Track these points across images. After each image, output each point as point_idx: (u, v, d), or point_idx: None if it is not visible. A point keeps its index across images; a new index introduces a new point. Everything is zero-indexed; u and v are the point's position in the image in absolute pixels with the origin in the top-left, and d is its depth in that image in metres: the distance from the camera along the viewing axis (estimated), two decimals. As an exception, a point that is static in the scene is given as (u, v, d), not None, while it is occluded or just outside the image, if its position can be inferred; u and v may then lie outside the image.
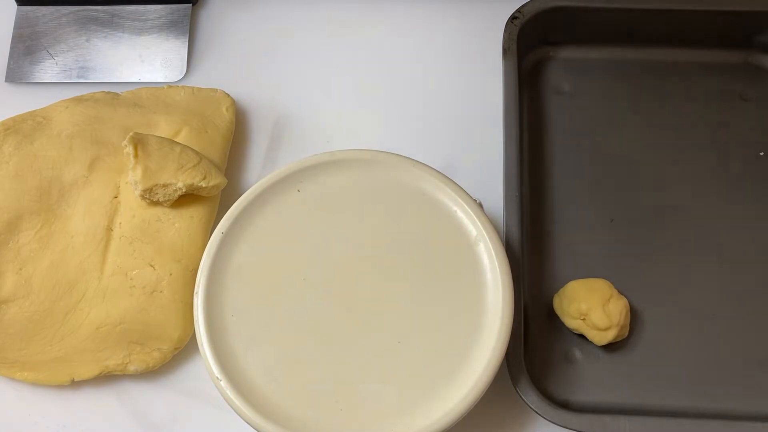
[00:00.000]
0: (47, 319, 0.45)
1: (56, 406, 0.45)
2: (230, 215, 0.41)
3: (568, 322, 0.44)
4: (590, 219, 0.48)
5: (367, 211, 0.41)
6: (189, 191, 0.45)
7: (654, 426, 0.40)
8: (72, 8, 0.56)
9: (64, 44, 0.55)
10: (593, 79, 0.53)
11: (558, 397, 0.43)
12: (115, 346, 0.44)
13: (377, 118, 0.52)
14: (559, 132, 0.51)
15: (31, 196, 0.47)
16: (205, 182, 0.45)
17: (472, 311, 0.39)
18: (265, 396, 0.37)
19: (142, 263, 0.45)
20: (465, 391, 0.37)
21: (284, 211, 0.41)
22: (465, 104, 0.52)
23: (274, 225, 0.41)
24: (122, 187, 0.47)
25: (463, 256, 0.40)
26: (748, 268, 0.47)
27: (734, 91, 0.52)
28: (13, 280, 0.46)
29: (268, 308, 0.39)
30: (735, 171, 0.49)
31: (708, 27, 0.51)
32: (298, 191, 0.41)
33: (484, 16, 0.55)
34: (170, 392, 0.45)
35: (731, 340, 0.45)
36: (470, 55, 0.54)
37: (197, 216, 0.47)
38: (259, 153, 0.52)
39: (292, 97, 0.53)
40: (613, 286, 0.44)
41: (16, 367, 0.44)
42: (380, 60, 0.54)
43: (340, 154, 0.42)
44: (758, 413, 0.43)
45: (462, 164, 0.50)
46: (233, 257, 0.40)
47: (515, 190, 0.45)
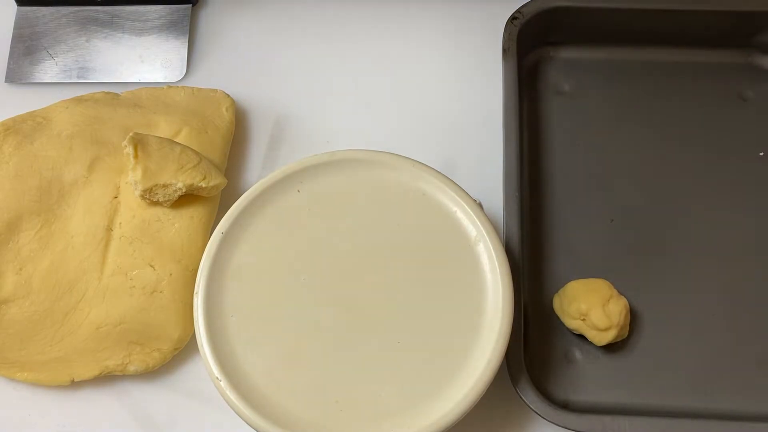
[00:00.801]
0: (47, 320, 0.45)
1: (56, 406, 0.45)
2: (230, 215, 0.41)
3: (568, 322, 0.44)
4: (590, 219, 0.48)
5: (367, 211, 0.41)
6: (189, 191, 0.45)
7: (654, 426, 0.40)
8: (72, 8, 0.56)
9: (64, 44, 0.55)
10: (593, 79, 0.53)
11: (558, 397, 0.43)
12: (115, 346, 0.44)
13: (377, 118, 0.52)
14: (559, 132, 0.51)
15: (31, 196, 0.47)
16: (205, 182, 0.45)
17: (472, 311, 0.39)
18: (265, 396, 0.37)
19: (142, 263, 0.45)
20: (465, 391, 0.37)
21: (284, 211, 0.41)
22: (465, 104, 0.52)
23: (274, 225, 0.41)
24: (122, 187, 0.47)
25: (462, 256, 0.40)
26: (748, 268, 0.47)
27: (734, 91, 0.52)
28: (13, 281, 0.46)
29: (268, 308, 0.39)
30: (735, 171, 0.49)
31: (708, 27, 0.51)
32: (298, 191, 0.41)
33: (484, 16, 0.55)
34: (170, 392, 0.45)
35: (731, 340, 0.45)
36: (470, 55, 0.54)
37: (197, 216, 0.47)
38: (259, 153, 0.52)
39: (292, 97, 0.53)
40: (613, 287, 0.44)
41: (15, 367, 0.44)
42: (380, 60, 0.54)
43: (340, 154, 0.42)
44: (758, 413, 0.43)
45: (462, 164, 0.50)
46: (233, 258, 0.40)
47: (515, 190, 0.45)
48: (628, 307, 0.43)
